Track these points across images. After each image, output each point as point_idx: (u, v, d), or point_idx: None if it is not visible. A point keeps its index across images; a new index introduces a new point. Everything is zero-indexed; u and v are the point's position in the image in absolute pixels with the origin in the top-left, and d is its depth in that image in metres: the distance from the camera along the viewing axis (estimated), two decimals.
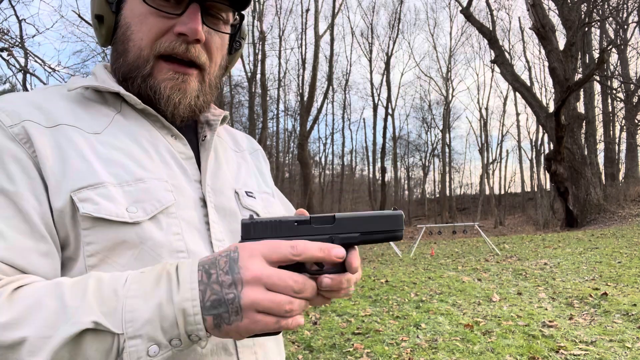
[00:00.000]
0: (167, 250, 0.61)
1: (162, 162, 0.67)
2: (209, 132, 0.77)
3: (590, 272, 6.67)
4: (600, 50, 17.18)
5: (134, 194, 0.61)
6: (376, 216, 0.57)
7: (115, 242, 0.58)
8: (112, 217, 0.58)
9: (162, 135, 0.70)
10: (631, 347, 3.47)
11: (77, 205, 0.57)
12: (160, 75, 0.68)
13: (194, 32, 0.66)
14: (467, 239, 16.96)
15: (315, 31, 25.86)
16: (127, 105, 0.70)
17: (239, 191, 0.76)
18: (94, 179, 0.59)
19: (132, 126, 0.68)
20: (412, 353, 3.61)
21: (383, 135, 31.77)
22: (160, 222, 0.61)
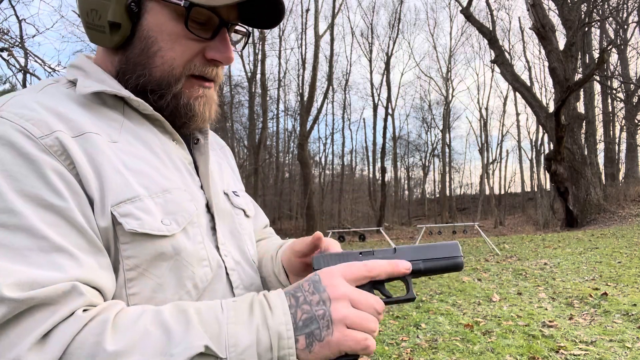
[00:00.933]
0: (195, 259, 0.63)
1: (176, 170, 0.67)
2: (200, 135, 0.77)
3: (590, 272, 6.67)
4: (600, 50, 17.18)
5: (164, 206, 0.61)
6: (434, 245, 0.63)
7: (154, 256, 0.58)
8: (155, 231, 0.58)
9: (168, 140, 0.70)
10: (631, 347, 3.47)
11: (120, 220, 0.56)
12: (191, 92, 0.69)
13: (229, 60, 0.69)
14: (467, 239, 16.96)
15: (315, 31, 25.85)
16: (129, 109, 0.68)
17: (227, 192, 0.78)
18: (131, 193, 0.58)
19: (141, 132, 0.66)
20: (412, 353, 3.61)
21: (383, 135, 31.78)
22: (188, 233, 0.63)
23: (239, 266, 0.72)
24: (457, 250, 0.63)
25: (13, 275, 0.47)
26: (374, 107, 34.30)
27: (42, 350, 0.46)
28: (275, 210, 33.08)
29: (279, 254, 0.78)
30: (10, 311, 0.45)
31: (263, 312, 0.53)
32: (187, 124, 0.71)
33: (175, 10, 0.65)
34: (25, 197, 0.51)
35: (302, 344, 0.52)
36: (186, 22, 0.65)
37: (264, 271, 0.80)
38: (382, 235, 14.35)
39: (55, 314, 0.47)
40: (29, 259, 0.48)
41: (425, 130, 42.02)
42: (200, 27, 0.67)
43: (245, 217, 0.80)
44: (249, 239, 0.78)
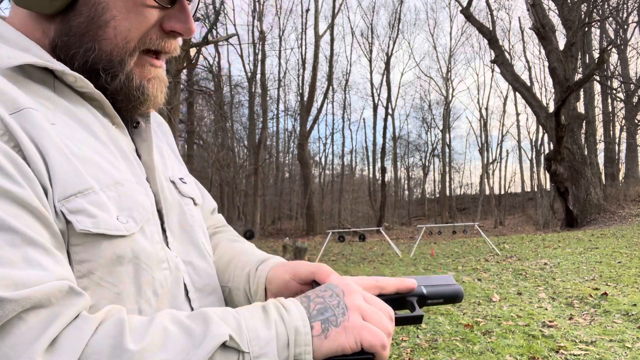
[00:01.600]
0: (155, 262, 0.54)
1: (124, 159, 0.57)
2: (140, 118, 0.65)
3: (590, 272, 6.67)
4: (600, 50, 17.19)
5: (118, 201, 0.51)
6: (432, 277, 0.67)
7: (111, 260, 0.49)
8: (112, 231, 0.49)
9: (108, 124, 0.58)
10: (631, 347, 3.47)
11: (70, 218, 0.46)
12: (143, 72, 0.59)
13: (190, 32, 0.59)
14: (467, 239, 16.97)
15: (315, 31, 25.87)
16: (61, 85, 0.55)
17: (174, 179, 0.68)
18: (83, 184, 0.48)
19: (79, 113, 0.54)
20: (412, 353, 3.61)
21: (383, 135, 31.80)
22: (145, 232, 0.54)
23: (190, 266, 0.63)
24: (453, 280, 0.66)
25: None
26: (374, 107, 34.33)
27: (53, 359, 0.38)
28: (275, 210, 33.10)
29: (262, 272, 0.67)
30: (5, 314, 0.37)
31: (279, 311, 0.49)
32: (136, 108, 0.61)
33: None
34: None
35: (317, 330, 0.49)
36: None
37: (230, 282, 0.70)
38: (382, 235, 14.37)
39: (59, 316, 0.40)
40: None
41: (425, 130, 42.09)
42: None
43: (194, 206, 0.70)
44: (201, 230, 0.69)
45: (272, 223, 31.64)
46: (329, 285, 0.54)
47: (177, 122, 17.37)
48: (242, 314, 0.48)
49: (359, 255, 12.14)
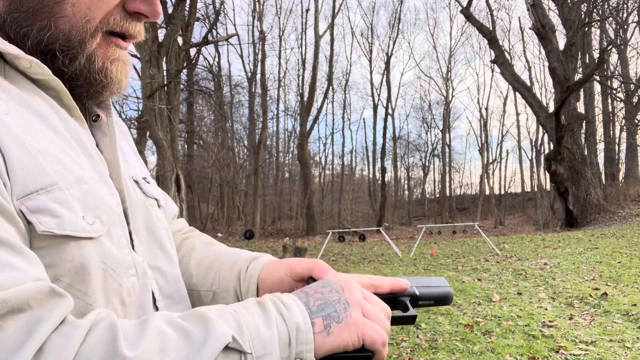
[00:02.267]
0: (122, 267, 0.49)
1: (84, 155, 0.51)
2: (100, 111, 0.59)
3: (590, 272, 6.67)
4: (600, 50, 17.20)
5: (82, 200, 0.46)
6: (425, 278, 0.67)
7: (79, 264, 0.43)
8: (79, 232, 0.43)
9: (66, 116, 0.52)
10: (631, 347, 3.47)
11: (30, 219, 0.40)
12: (106, 53, 0.54)
13: (157, 14, 0.55)
14: (467, 239, 16.97)
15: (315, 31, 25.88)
16: (12, 71, 0.48)
17: (137, 179, 0.63)
18: (45, 179, 0.42)
19: (34, 103, 0.48)
20: (412, 353, 3.61)
21: (383, 135, 31.80)
22: (111, 235, 0.48)
23: (157, 272, 0.58)
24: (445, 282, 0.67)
25: None
26: (374, 107, 34.33)
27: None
28: (275, 210, 33.10)
29: (254, 271, 0.64)
30: None
31: (278, 309, 0.47)
32: (98, 94, 0.56)
33: None
34: None
35: (319, 327, 0.47)
36: None
37: (215, 285, 0.66)
38: (382, 235, 14.37)
39: (41, 321, 0.35)
40: None
41: (425, 130, 42.10)
42: None
43: (158, 208, 0.65)
44: (166, 234, 0.63)
45: (272, 223, 31.65)
46: (327, 281, 0.53)
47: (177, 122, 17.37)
48: (240, 312, 0.45)
49: (359, 255, 12.14)
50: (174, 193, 15.37)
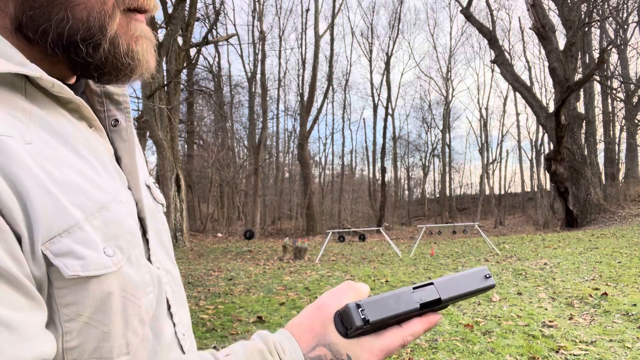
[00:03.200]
0: (141, 289, 0.49)
1: (106, 173, 0.49)
2: (118, 114, 0.56)
3: (590, 272, 6.67)
4: (600, 50, 17.19)
5: (104, 230, 0.45)
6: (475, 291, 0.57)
7: (100, 299, 0.43)
8: (101, 270, 0.43)
9: (85, 129, 0.50)
10: (631, 347, 3.47)
11: (55, 263, 0.40)
12: (128, 33, 0.50)
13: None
14: (467, 239, 16.97)
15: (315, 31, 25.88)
16: (32, 87, 0.46)
17: (148, 184, 0.61)
18: (67, 220, 0.41)
19: (55, 123, 0.46)
20: (412, 353, 3.61)
21: (383, 135, 31.79)
22: (131, 259, 0.47)
23: (170, 276, 0.58)
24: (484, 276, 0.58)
25: None
26: (374, 107, 34.33)
27: None
28: (275, 210, 33.10)
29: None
30: None
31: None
32: (127, 77, 0.52)
33: None
34: None
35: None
36: None
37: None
38: (382, 235, 14.37)
39: None
40: None
41: (425, 130, 42.09)
42: None
43: (162, 213, 0.64)
44: (167, 237, 0.62)
45: (272, 223, 31.65)
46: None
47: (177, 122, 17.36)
48: None
49: (359, 255, 12.14)
50: (174, 193, 15.36)
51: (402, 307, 0.51)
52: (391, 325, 0.51)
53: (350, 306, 0.48)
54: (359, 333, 0.49)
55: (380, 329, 0.51)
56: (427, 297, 0.53)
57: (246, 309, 5.32)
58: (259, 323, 4.66)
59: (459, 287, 0.55)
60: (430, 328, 0.53)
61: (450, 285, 0.55)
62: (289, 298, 5.89)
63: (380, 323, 0.49)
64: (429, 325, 0.53)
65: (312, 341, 0.48)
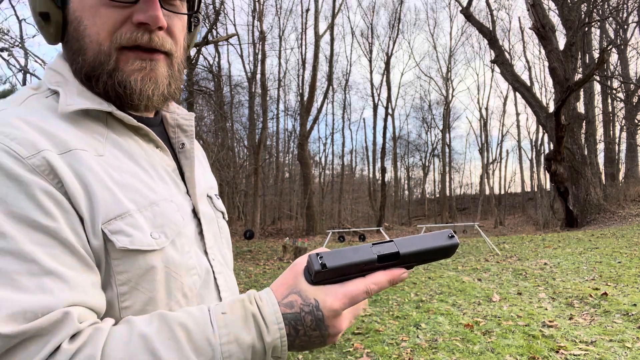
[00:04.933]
0: (184, 269, 0.62)
1: (161, 181, 0.65)
2: (185, 139, 0.74)
3: (590, 272, 6.67)
4: (600, 50, 17.18)
5: (153, 220, 0.60)
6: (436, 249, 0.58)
7: (145, 270, 0.58)
8: (145, 247, 0.57)
9: (151, 149, 0.67)
10: (631, 347, 3.47)
11: (111, 238, 0.55)
12: (127, 67, 0.62)
13: (155, 20, 0.61)
14: (467, 239, 16.96)
15: (315, 31, 25.86)
16: (113, 120, 0.64)
17: (210, 195, 0.77)
18: (120, 209, 0.57)
19: (125, 144, 0.64)
20: (412, 353, 3.61)
21: (383, 135, 31.76)
22: (176, 244, 0.62)
23: (224, 268, 0.72)
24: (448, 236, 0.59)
25: (4, 306, 0.46)
26: (374, 107, 34.30)
27: None
28: (275, 210, 33.08)
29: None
30: (3, 345, 0.45)
31: (259, 328, 0.52)
32: (138, 106, 0.66)
33: None
34: (15, 219, 0.49)
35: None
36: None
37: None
38: (382, 235, 14.35)
39: (46, 346, 0.46)
40: (18, 283, 0.47)
41: (425, 130, 42.06)
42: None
43: (223, 220, 0.80)
44: (226, 242, 0.78)
45: (272, 223, 31.63)
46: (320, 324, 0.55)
47: None
48: (219, 332, 0.51)
49: None
50: None
51: (359, 256, 0.55)
52: (356, 277, 0.56)
53: (312, 255, 0.55)
54: (323, 280, 0.55)
55: (345, 279, 0.56)
56: (385, 250, 0.57)
57: None
58: None
59: (419, 244, 0.58)
60: (394, 281, 0.57)
61: (410, 242, 0.58)
62: None
63: (338, 270, 0.55)
64: (392, 277, 0.57)
65: (286, 291, 0.56)
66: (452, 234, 0.59)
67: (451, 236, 0.59)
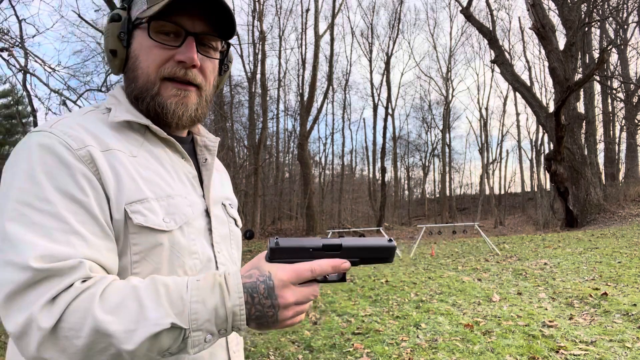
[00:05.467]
0: (187, 252, 0.79)
1: (179, 182, 0.84)
2: (208, 156, 0.94)
3: (590, 272, 6.67)
4: (600, 50, 17.18)
5: (166, 208, 0.78)
6: (375, 247, 0.72)
7: (154, 245, 0.75)
8: (156, 226, 0.75)
9: (177, 158, 0.86)
10: (631, 347, 3.47)
11: (131, 216, 0.73)
12: (165, 92, 0.83)
13: (191, 59, 0.82)
14: (467, 239, 16.96)
15: (315, 31, 25.84)
16: (149, 133, 0.85)
17: (225, 203, 0.95)
18: (141, 195, 0.75)
19: (155, 151, 0.84)
20: (412, 353, 3.61)
21: (383, 135, 31.75)
22: (183, 231, 0.79)
23: (229, 262, 0.88)
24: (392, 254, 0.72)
25: (38, 248, 0.63)
26: (374, 107, 34.28)
27: (49, 310, 0.61)
28: (275, 210, 33.06)
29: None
30: (32, 277, 0.62)
31: (222, 294, 0.66)
32: (171, 123, 0.85)
33: (145, 28, 0.83)
34: (58, 190, 0.68)
35: (252, 326, 0.70)
36: (149, 33, 0.82)
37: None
38: (382, 235, 14.36)
39: (61, 283, 0.63)
40: (52, 236, 0.65)
41: (425, 130, 42.03)
42: (169, 38, 0.83)
43: (236, 227, 0.97)
44: (236, 245, 0.95)
45: (272, 223, 31.62)
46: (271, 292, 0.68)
47: None
48: (190, 293, 0.65)
49: None
50: None
51: (308, 242, 0.70)
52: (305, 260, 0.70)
53: (270, 239, 0.70)
54: (279, 259, 0.69)
55: (296, 261, 0.69)
56: (330, 241, 0.70)
57: None
58: None
59: (361, 242, 0.71)
60: (337, 268, 0.70)
61: (355, 240, 0.71)
62: None
63: (289, 250, 0.69)
64: (335, 264, 0.70)
65: (249, 267, 0.70)
66: (391, 239, 0.71)
67: (390, 240, 0.72)
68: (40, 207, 0.67)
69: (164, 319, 0.63)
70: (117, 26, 0.85)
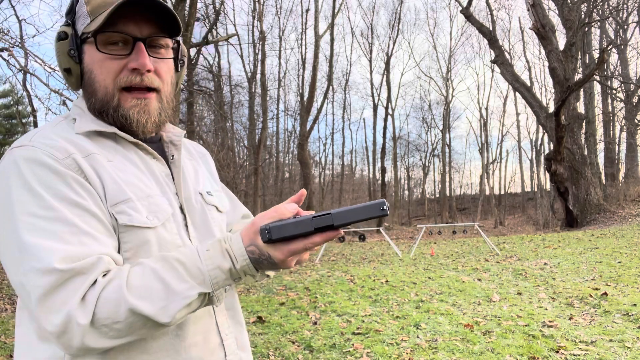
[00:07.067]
0: (172, 246, 0.83)
1: (155, 182, 0.88)
2: (175, 152, 0.96)
3: (590, 272, 6.67)
4: (600, 50, 17.19)
5: (148, 207, 0.82)
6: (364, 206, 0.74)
7: (142, 242, 0.80)
8: (141, 224, 0.80)
9: (150, 159, 0.90)
10: (631, 347, 3.47)
11: (116, 217, 0.78)
12: (126, 104, 0.86)
13: (144, 65, 0.84)
14: (467, 239, 16.96)
15: (315, 31, 25.84)
16: (120, 138, 0.88)
17: (202, 192, 0.97)
18: (124, 196, 0.80)
19: (128, 154, 0.87)
20: (412, 353, 3.61)
21: (383, 135, 31.76)
22: (166, 226, 0.84)
23: None
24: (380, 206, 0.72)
25: (58, 252, 0.68)
26: (374, 107, 34.29)
27: (84, 305, 0.67)
28: None
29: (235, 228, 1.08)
30: (59, 278, 0.67)
31: (231, 260, 0.74)
32: (134, 132, 0.88)
33: (93, 43, 0.84)
34: (59, 198, 0.73)
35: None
36: (96, 46, 0.84)
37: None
38: (382, 235, 14.36)
39: (87, 279, 0.69)
40: (65, 239, 0.70)
41: (425, 130, 42.05)
42: (119, 47, 0.84)
43: (217, 212, 0.99)
44: (218, 229, 0.97)
45: None
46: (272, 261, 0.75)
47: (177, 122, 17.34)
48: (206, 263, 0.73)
49: (359, 255, 12.13)
50: None
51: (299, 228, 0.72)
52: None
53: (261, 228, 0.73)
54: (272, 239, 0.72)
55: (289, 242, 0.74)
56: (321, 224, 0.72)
57: (246, 309, 5.32)
58: (259, 323, 4.66)
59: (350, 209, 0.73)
60: (328, 238, 0.74)
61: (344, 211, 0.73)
62: (289, 298, 5.89)
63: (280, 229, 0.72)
64: (326, 237, 0.73)
65: (249, 241, 0.75)
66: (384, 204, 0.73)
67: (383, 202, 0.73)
68: (46, 215, 0.71)
69: (190, 290, 0.71)
70: (65, 44, 0.87)
